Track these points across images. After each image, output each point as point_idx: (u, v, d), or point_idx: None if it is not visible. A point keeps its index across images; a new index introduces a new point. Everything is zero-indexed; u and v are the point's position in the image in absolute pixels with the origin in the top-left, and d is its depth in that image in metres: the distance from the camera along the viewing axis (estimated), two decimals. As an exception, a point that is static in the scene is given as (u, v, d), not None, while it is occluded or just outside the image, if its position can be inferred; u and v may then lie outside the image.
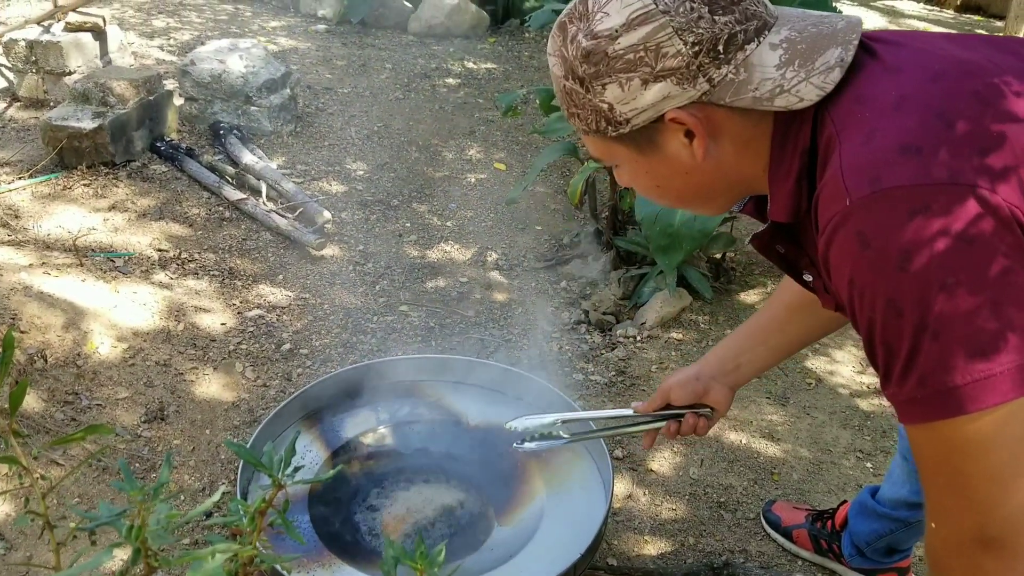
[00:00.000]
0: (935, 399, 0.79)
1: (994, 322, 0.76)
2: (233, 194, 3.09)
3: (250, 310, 2.56)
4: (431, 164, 3.57)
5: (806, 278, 1.02)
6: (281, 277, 2.76)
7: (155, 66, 4.13)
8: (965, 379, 0.77)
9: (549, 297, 2.77)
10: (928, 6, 6.74)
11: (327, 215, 3.01)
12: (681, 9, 0.86)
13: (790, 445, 2.16)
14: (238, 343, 2.41)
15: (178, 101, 3.60)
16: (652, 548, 1.84)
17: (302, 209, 3.04)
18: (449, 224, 3.17)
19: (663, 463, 2.07)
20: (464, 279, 2.84)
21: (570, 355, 2.47)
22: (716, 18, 0.86)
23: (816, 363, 2.48)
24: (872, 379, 2.41)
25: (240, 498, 1.44)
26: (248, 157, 3.29)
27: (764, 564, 1.81)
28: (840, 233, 0.81)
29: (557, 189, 3.41)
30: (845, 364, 2.49)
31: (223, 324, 2.48)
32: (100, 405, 2.11)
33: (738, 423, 2.22)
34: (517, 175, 3.48)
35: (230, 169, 3.26)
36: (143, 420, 2.09)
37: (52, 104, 3.56)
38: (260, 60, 3.64)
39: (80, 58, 3.65)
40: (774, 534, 1.87)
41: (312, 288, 2.72)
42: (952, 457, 0.83)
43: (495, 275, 2.88)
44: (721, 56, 0.87)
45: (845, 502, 1.78)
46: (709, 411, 1.37)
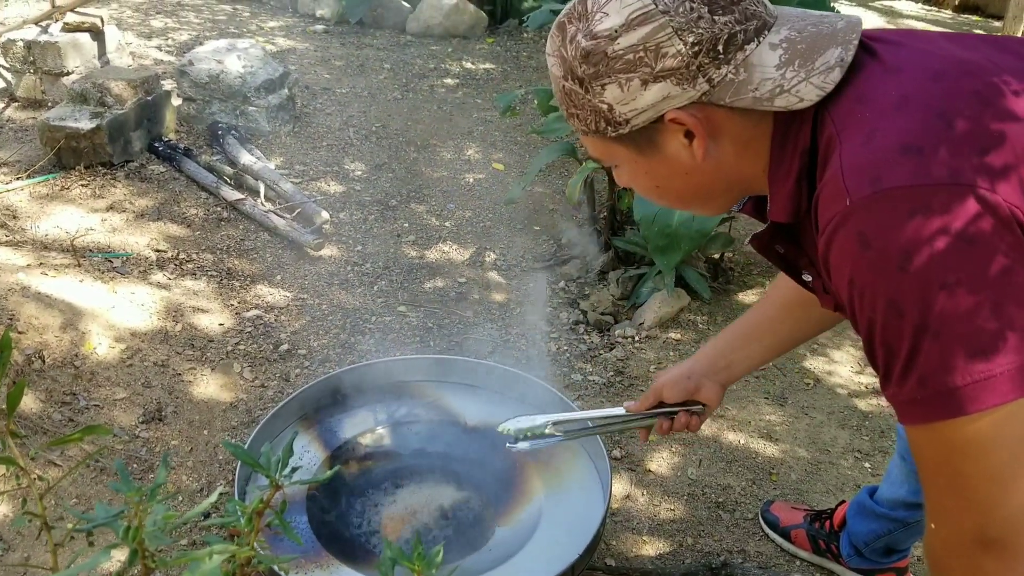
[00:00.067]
0: (935, 400, 0.79)
1: (994, 322, 0.76)
2: (231, 194, 3.09)
3: (248, 310, 2.56)
4: (429, 164, 3.57)
5: (805, 278, 1.02)
6: (279, 277, 2.75)
7: (153, 66, 4.13)
8: (965, 380, 0.77)
9: (547, 297, 2.76)
10: (926, 6, 6.75)
11: (325, 215, 3.01)
12: (681, 9, 0.86)
13: (788, 445, 2.16)
14: (236, 343, 2.40)
15: (176, 101, 3.60)
16: (650, 548, 1.84)
17: (300, 209, 3.03)
18: (447, 224, 3.16)
19: (661, 463, 2.07)
20: (462, 279, 2.84)
21: (568, 355, 2.47)
22: (716, 18, 0.86)
23: (814, 363, 2.48)
24: (870, 379, 2.41)
25: (238, 499, 1.44)
26: (246, 157, 3.29)
27: (762, 564, 1.81)
28: (840, 233, 0.81)
29: (555, 189, 3.41)
30: (843, 364, 2.49)
31: (221, 324, 2.48)
32: (98, 406, 2.11)
33: (736, 423, 2.22)
34: (515, 175, 3.48)
35: (228, 169, 3.25)
36: (141, 421, 2.08)
37: (50, 104, 3.55)
38: (258, 60, 3.64)
39: (78, 58, 3.64)
40: (772, 534, 1.87)
41: (310, 288, 2.71)
42: (952, 458, 0.83)
43: (493, 275, 2.88)
44: (721, 56, 0.87)
45: (843, 502, 1.78)
46: (701, 408, 1.37)
